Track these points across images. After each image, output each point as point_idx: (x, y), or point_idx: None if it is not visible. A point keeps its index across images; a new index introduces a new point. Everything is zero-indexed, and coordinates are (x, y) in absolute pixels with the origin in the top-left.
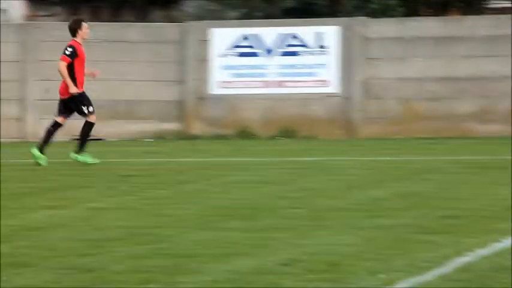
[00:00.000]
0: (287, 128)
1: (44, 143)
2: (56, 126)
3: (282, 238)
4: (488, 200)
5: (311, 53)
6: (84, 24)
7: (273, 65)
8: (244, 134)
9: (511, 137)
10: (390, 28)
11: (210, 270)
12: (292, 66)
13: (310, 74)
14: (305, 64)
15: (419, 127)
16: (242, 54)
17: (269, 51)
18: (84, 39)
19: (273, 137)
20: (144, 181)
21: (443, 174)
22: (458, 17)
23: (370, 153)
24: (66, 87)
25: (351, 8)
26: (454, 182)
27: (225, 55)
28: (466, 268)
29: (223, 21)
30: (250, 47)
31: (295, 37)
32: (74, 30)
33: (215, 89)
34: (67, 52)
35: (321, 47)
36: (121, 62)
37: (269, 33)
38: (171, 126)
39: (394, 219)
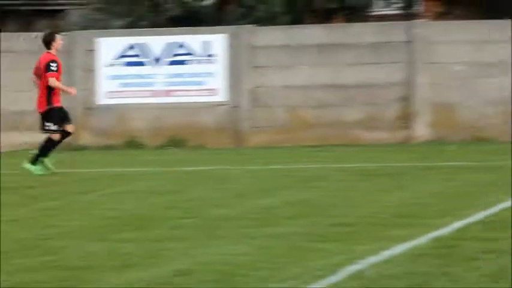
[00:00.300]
0: (175, 138)
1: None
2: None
3: (175, 248)
4: (377, 207)
5: (199, 62)
6: (58, 36)
7: (161, 74)
8: (133, 143)
9: (398, 143)
10: (276, 36)
11: (105, 282)
12: (179, 75)
13: (198, 83)
14: (193, 73)
15: (307, 135)
16: (129, 64)
17: (156, 60)
18: (57, 51)
19: (161, 147)
20: (36, 192)
21: (331, 182)
22: (343, 24)
23: (259, 162)
24: (43, 101)
25: (237, 16)
26: (342, 190)
27: (112, 65)
28: (356, 276)
29: (110, 30)
30: (137, 56)
31: (182, 46)
32: (48, 43)
33: (103, 99)
34: (52, 68)
35: (209, 55)
36: (6, 72)
37: (156, 42)
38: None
39: (285, 228)
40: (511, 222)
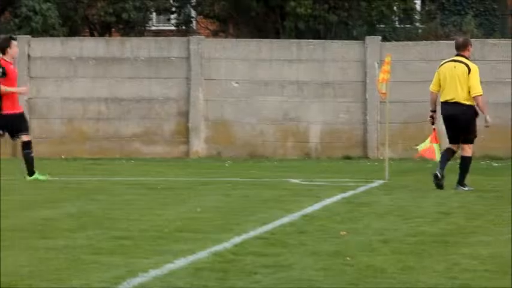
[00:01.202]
0: None
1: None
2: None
3: None
4: (158, 221)
5: None
6: (14, 43)
7: None
8: None
9: (177, 158)
10: (53, 47)
11: None
12: None
13: None
14: None
15: (85, 147)
16: None
17: None
18: (13, 57)
19: None
20: None
21: (111, 195)
22: (120, 38)
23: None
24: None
25: (12, 26)
26: (123, 203)
27: None
28: None
29: None
30: None
31: None
32: (3, 49)
33: None
34: None
35: None
36: None
37: None
38: None
39: (66, 240)
40: (290, 238)
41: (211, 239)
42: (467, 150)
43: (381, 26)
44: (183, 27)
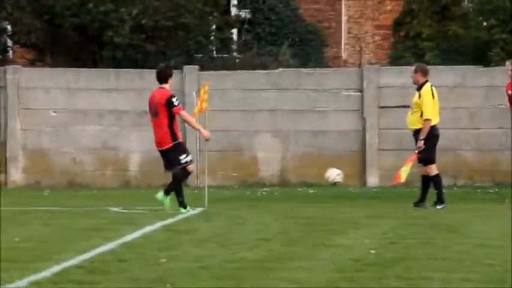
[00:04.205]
0: None
1: None
2: None
3: None
4: None
5: None
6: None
7: None
8: None
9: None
10: None
11: None
12: None
13: None
14: None
15: None
16: None
17: None
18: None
19: None
20: None
21: None
22: None
23: None
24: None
25: None
26: None
27: None
28: None
29: None
30: None
31: None
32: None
33: None
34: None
35: None
36: None
37: None
38: None
39: None
40: (110, 266)
41: (30, 269)
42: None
43: (199, 55)
44: None
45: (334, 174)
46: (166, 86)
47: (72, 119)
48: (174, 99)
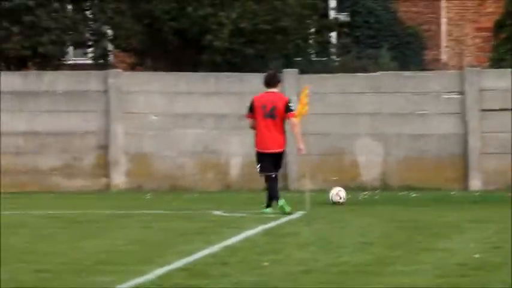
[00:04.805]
0: None
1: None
2: None
3: None
4: (79, 254)
5: None
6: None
7: None
8: None
9: (97, 191)
10: None
11: None
12: None
13: None
14: None
15: (3, 181)
16: None
17: None
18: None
19: None
20: None
21: (32, 229)
22: (38, 72)
23: None
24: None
25: None
26: (44, 236)
27: None
28: None
29: None
30: None
31: None
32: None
33: None
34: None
35: None
36: None
37: None
38: None
39: None
40: (212, 269)
41: (133, 271)
42: None
43: (297, 59)
44: (100, 61)
45: (333, 192)
46: (275, 90)
47: (173, 122)
48: (291, 104)
